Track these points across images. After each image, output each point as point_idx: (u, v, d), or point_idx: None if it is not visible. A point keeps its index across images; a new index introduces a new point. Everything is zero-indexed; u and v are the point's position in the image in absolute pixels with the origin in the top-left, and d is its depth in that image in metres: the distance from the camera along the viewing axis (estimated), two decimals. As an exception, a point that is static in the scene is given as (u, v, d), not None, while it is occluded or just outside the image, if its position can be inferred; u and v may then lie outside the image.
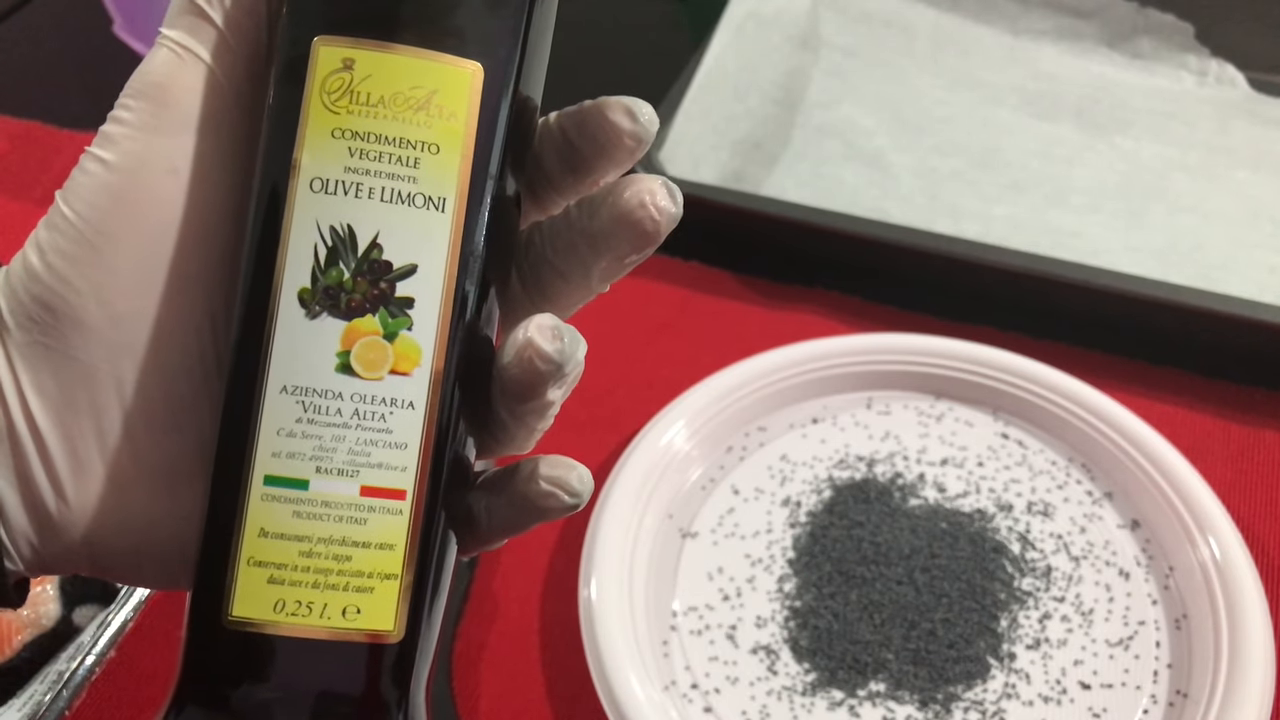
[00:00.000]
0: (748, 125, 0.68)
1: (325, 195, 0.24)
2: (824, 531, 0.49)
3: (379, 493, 0.24)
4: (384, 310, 0.24)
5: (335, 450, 0.24)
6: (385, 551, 0.24)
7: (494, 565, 0.50)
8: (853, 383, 0.55)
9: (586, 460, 0.56)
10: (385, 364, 0.24)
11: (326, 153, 0.24)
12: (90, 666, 0.45)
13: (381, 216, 0.24)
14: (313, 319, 0.24)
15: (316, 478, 0.24)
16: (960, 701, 0.44)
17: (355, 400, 0.24)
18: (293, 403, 0.24)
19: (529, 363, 0.25)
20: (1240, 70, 0.71)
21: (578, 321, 0.64)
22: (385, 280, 0.24)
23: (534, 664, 0.47)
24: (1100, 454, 0.51)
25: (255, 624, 0.23)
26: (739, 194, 0.62)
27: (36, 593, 0.47)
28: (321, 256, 0.24)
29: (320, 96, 0.24)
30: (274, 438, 0.24)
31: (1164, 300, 0.53)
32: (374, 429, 0.24)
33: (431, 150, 0.24)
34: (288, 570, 0.24)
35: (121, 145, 0.25)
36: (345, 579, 0.24)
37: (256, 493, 0.24)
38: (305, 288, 0.24)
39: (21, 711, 0.43)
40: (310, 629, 0.23)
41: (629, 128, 0.27)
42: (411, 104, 0.24)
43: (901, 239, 0.58)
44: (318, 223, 0.24)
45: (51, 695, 0.44)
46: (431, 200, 0.24)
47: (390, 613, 0.24)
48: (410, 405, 0.24)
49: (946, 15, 0.77)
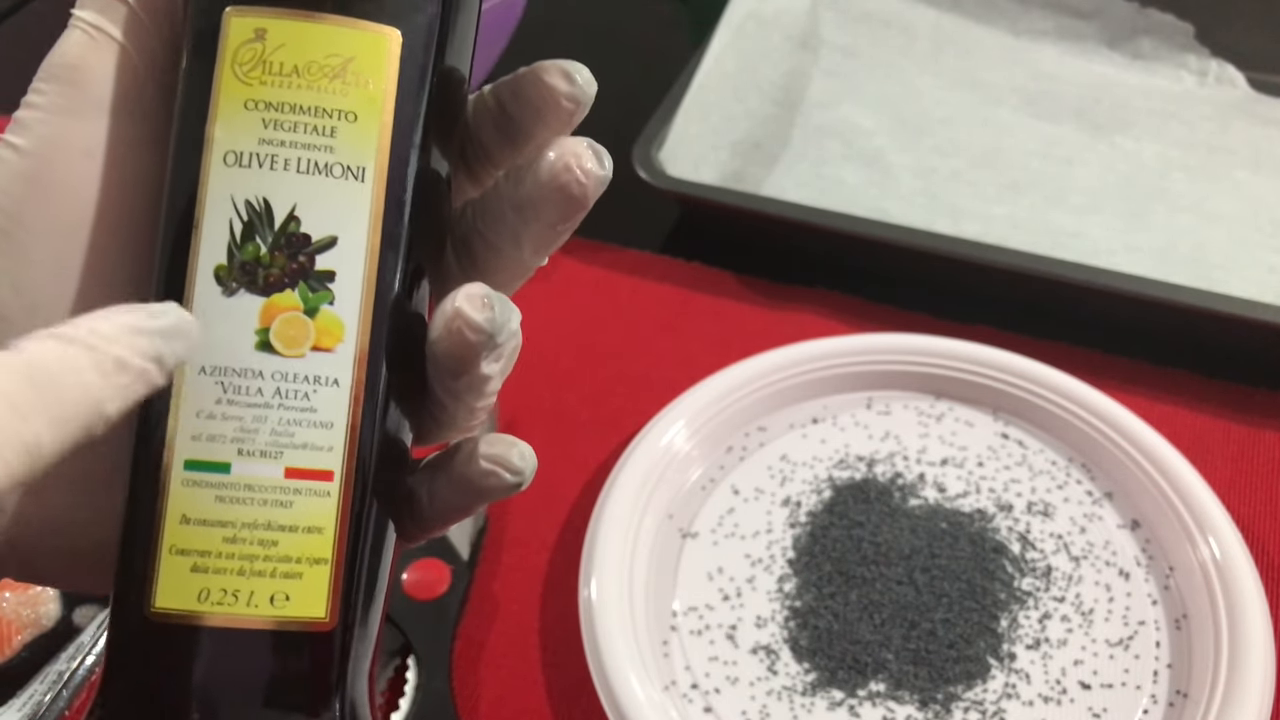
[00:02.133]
0: (748, 125, 0.68)
1: (239, 169, 0.23)
2: (824, 531, 0.49)
3: (305, 474, 0.23)
4: (304, 285, 0.23)
5: (257, 431, 0.23)
6: (313, 535, 0.23)
7: (494, 565, 0.50)
8: (853, 383, 0.55)
9: (587, 460, 0.56)
10: (306, 340, 0.23)
11: (240, 125, 0.23)
12: (90, 666, 0.45)
13: (298, 188, 0.23)
14: (230, 296, 0.23)
15: (238, 460, 0.23)
16: (960, 701, 0.44)
17: (276, 379, 0.23)
18: (212, 384, 0.23)
19: (459, 334, 0.24)
20: (1240, 70, 0.71)
21: (577, 319, 0.64)
22: (304, 254, 0.23)
23: (534, 664, 0.47)
24: (1100, 454, 0.51)
25: (180, 615, 0.22)
26: (739, 194, 0.62)
27: (36, 593, 0.47)
28: (237, 232, 0.23)
29: (232, 68, 0.23)
30: (193, 420, 0.23)
31: (1164, 300, 0.53)
32: (297, 408, 0.23)
33: (349, 119, 0.23)
34: (211, 558, 0.23)
35: (34, 130, 0.24)
36: (272, 565, 0.23)
37: (177, 478, 0.23)
38: (221, 264, 0.23)
39: (21, 711, 0.43)
40: (237, 618, 0.22)
41: (565, 89, 0.26)
42: (327, 72, 0.23)
43: (901, 239, 0.58)
44: (232, 197, 0.23)
45: (51, 695, 0.44)
46: (350, 170, 0.23)
47: (321, 599, 0.23)
48: (335, 383, 0.23)
49: (946, 15, 0.77)
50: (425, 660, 0.46)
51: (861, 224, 0.59)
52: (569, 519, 0.52)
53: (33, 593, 0.47)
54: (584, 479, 0.53)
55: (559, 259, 0.64)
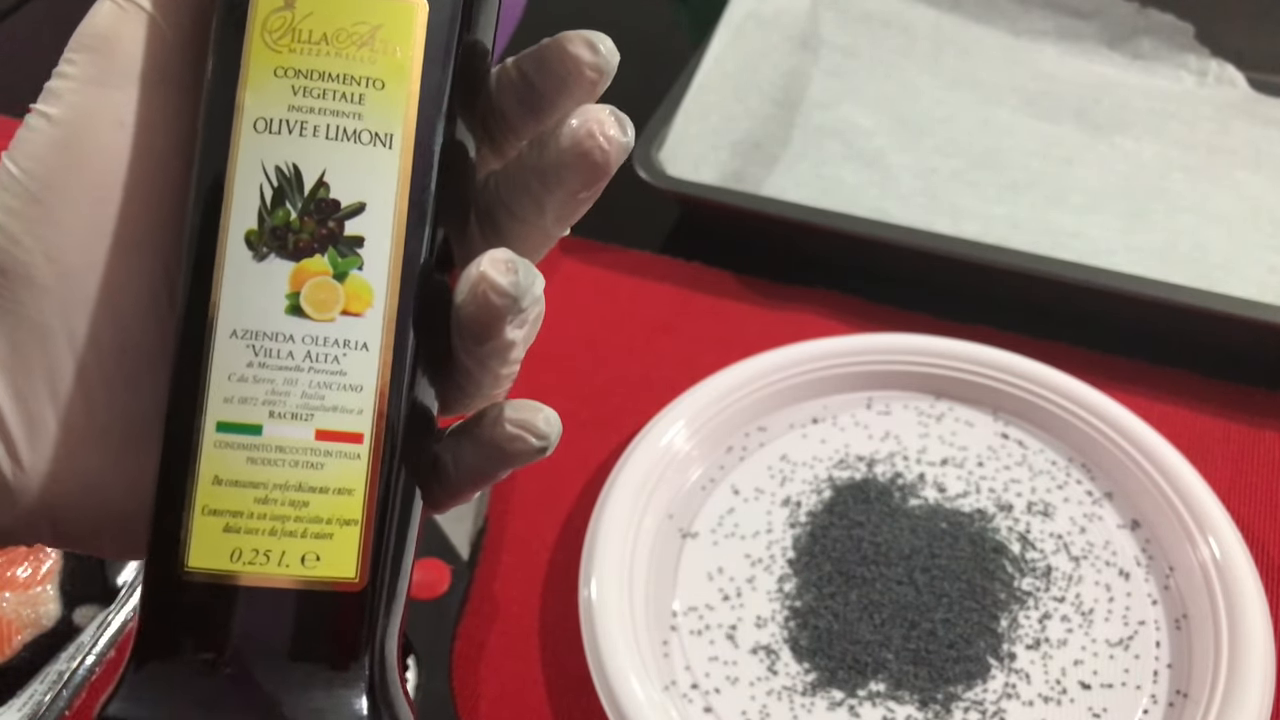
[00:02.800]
0: (748, 125, 0.68)
1: (269, 135, 0.23)
2: (824, 531, 0.49)
3: (335, 436, 0.23)
4: (333, 250, 0.23)
5: (288, 394, 0.23)
6: (343, 497, 0.23)
7: (494, 565, 0.50)
8: (853, 383, 0.55)
9: (587, 460, 0.56)
10: (336, 304, 0.23)
11: (269, 92, 0.23)
12: (90, 666, 0.45)
13: (327, 154, 0.23)
14: (260, 261, 0.23)
15: (270, 422, 0.23)
16: (960, 701, 0.44)
17: (307, 342, 0.23)
18: (243, 347, 0.23)
19: (483, 297, 0.24)
20: (1240, 70, 0.71)
21: (577, 319, 0.64)
22: (333, 219, 0.23)
23: (534, 664, 0.47)
24: (1100, 454, 0.51)
25: (213, 574, 0.23)
26: (739, 194, 0.62)
27: (36, 593, 0.47)
28: (267, 197, 0.23)
29: (262, 36, 0.24)
30: (225, 383, 0.23)
31: (1164, 300, 0.53)
32: (327, 371, 0.23)
33: (376, 86, 0.24)
34: (244, 518, 0.23)
35: (66, 99, 0.24)
36: (303, 525, 0.23)
37: (209, 440, 0.23)
38: (252, 229, 0.23)
39: (21, 711, 0.43)
40: (268, 577, 0.23)
41: (590, 59, 0.26)
42: (355, 40, 0.24)
43: (901, 239, 0.58)
44: (263, 163, 0.23)
45: (51, 695, 0.44)
46: (378, 136, 0.24)
47: (351, 559, 0.23)
48: (364, 346, 0.24)
49: (946, 15, 0.77)
50: (425, 660, 0.46)
51: (861, 224, 0.59)
52: (569, 519, 0.52)
53: (33, 593, 0.47)
54: (584, 479, 0.53)
55: (559, 259, 0.64)
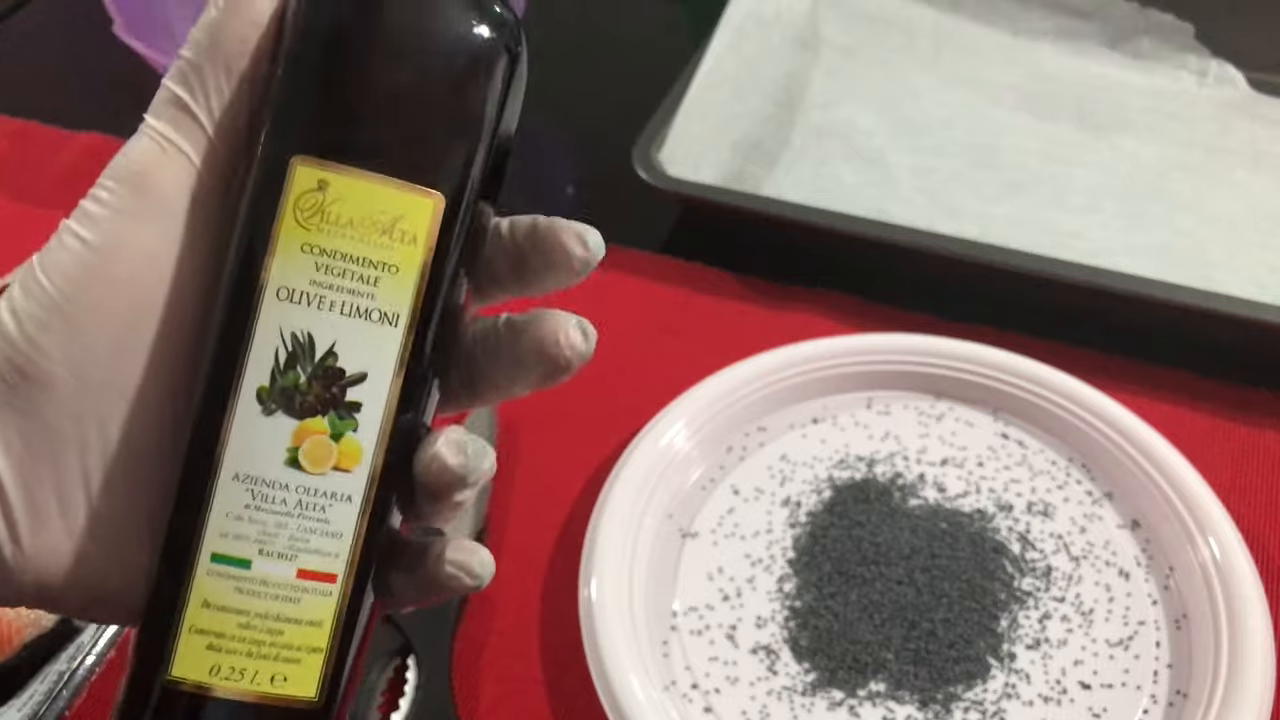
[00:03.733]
0: (748, 125, 0.68)
1: (290, 304, 0.26)
2: (824, 531, 0.49)
3: (313, 576, 0.26)
4: (333, 413, 0.26)
5: (278, 535, 0.26)
6: (314, 628, 0.26)
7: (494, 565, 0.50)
8: (853, 383, 0.55)
9: (587, 460, 0.56)
10: (329, 461, 0.26)
11: (295, 264, 0.26)
12: (90, 666, 0.45)
13: (339, 328, 0.26)
14: (268, 415, 0.26)
15: (259, 559, 0.26)
16: (960, 701, 0.44)
17: (300, 492, 0.26)
18: (243, 489, 0.26)
19: (437, 473, 0.27)
20: (1240, 70, 0.71)
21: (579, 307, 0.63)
22: (337, 386, 0.26)
23: (534, 664, 0.47)
24: (1100, 454, 0.51)
25: (192, 684, 0.25)
26: (739, 194, 0.62)
27: (36, 593, 0.47)
28: (281, 360, 0.26)
29: (294, 212, 0.26)
30: (223, 519, 0.26)
31: (1164, 300, 0.53)
32: (314, 519, 0.26)
33: (391, 271, 0.26)
34: (226, 639, 0.26)
35: (101, 226, 0.26)
36: (276, 650, 0.26)
37: (203, 568, 0.26)
38: (264, 386, 0.26)
39: (21, 711, 0.43)
40: (241, 692, 0.26)
41: (580, 254, 0.29)
42: (377, 227, 0.26)
43: (901, 239, 0.58)
44: (280, 328, 0.26)
45: (51, 695, 0.44)
46: (386, 316, 0.26)
47: (314, 682, 0.26)
48: (348, 499, 0.26)
49: (946, 15, 0.77)
50: (425, 660, 0.46)
51: (861, 224, 0.58)
52: (569, 519, 0.52)
53: (33, 593, 0.47)
54: (584, 479, 0.53)
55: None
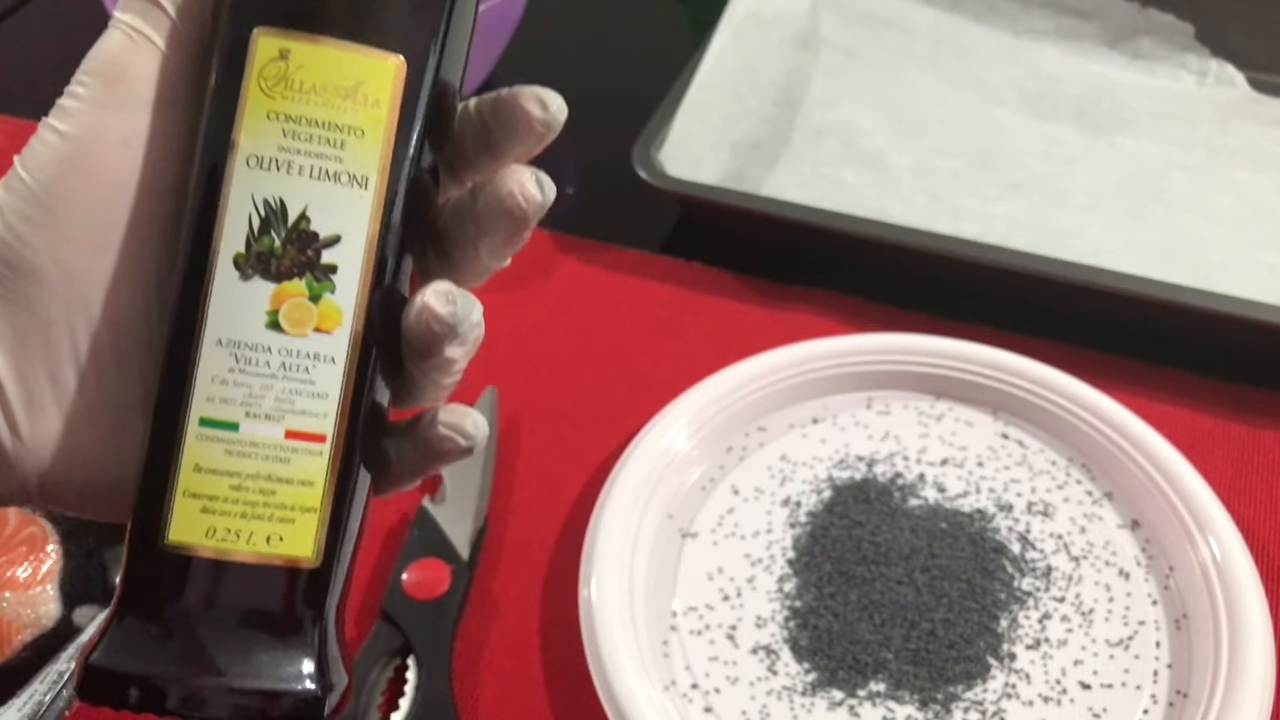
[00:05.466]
0: (748, 125, 0.68)
1: (260, 171, 0.27)
2: (824, 531, 0.49)
3: (302, 436, 0.27)
4: (310, 275, 0.27)
5: (263, 397, 0.27)
6: (306, 488, 0.27)
7: (494, 565, 0.50)
8: (853, 383, 0.55)
9: (587, 460, 0.56)
10: (310, 323, 0.27)
11: (263, 133, 0.27)
12: (90, 666, 0.45)
13: (310, 192, 0.27)
14: (246, 281, 0.27)
15: (246, 421, 0.27)
16: (960, 701, 0.44)
17: (282, 354, 0.27)
18: (226, 354, 0.26)
19: (426, 324, 0.28)
20: (1240, 70, 0.71)
21: (577, 319, 0.64)
22: (312, 249, 0.27)
23: (534, 664, 0.47)
24: (1100, 454, 0.51)
25: (189, 548, 0.26)
26: (739, 194, 0.62)
27: (36, 593, 0.47)
28: (255, 226, 0.27)
29: (258, 82, 0.27)
30: (209, 384, 0.26)
31: (1164, 300, 0.53)
32: (298, 380, 0.27)
33: (357, 134, 0.27)
34: (219, 502, 0.26)
35: (77, 118, 0.27)
36: (270, 510, 0.27)
37: (192, 433, 0.26)
38: (240, 253, 0.27)
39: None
40: (237, 553, 0.26)
41: (539, 115, 0.29)
42: (340, 92, 0.27)
43: (901, 239, 0.58)
44: (253, 195, 0.27)
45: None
46: (356, 179, 0.27)
47: (309, 541, 0.27)
48: (331, 360, 0.27)
49: (946, 15, 0.77)
50: (425, 660, 0.46)
51: (861, 224, 0.58)
52: (569, 519, 0.52)
53: (33, 593, 0.47)
54: (584, 479, 0.53)
55: (559, 259, 0.64)
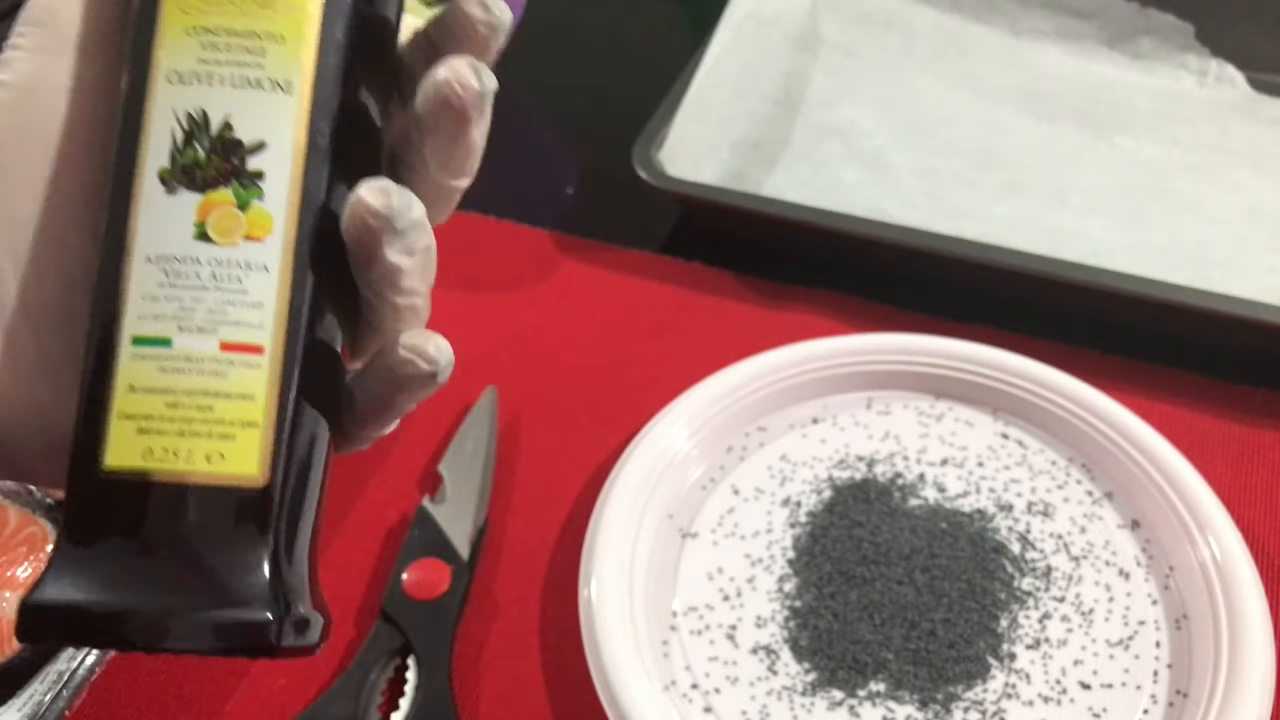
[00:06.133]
0: (748, 125, 0.68)
1: (181, 85, 0.27)
2: (824, 531, 0.49)
3: (237, 348, 0.26)
4: (236, 183, 0.26)
5: (195, 310, 0.26)
6: (246, 402, 0.26)
7: (494, 565, 0.50)
8: (853, 383, 0.55)
9: (586, 460, 0.56)
10: (239, 231, 0.26)
11: (181, 48, 0.27)
12: (90, 666, 0.45)
13: (232, 100, 0.27)
14: (172, 194, 0.26)
15: (179, 335, 0.26)
16: (960, 701, 0.44)
17: (212, 264, 0.26)
18: (156, 270, 0.26)
19: (360, 220, 0.27)
20: (1240, 70, 0.71)
21: (577, 319, 0.64)
22: (237, 156, 0.27)
23: (534, 664, 0.47)
24: (1100, 454, 0.51)
25: (127, 472, 0.26)
26: (739, 194, 0.62)
27: (36, 593, 0.47)
28: (178, 139, 0.27)
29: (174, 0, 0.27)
30: (140, 302, 0.26)
31: (1164, 300, 0.53)
32: (231, 290, 0.26)
33: (278, 40, 0.27)
34: (155, 421, 0.26)
35: (16, 67, 0.27)
36: (209, 427, 0.26)
37: (126, 352, 0.26)
38: (165, 167, 0.26)
39: (21, 711, 0.43)
40: (178, 474, 0.26)
41: (481, 16, 0.29)
42: (257, 0, 0.27)
43: (901, 239, 0.58)
44: (174, 109, 0.27)
45: (51, 695, 0.44)
46: (278, 83, 0.27)
47: (253, 458, 0.26)
48: (264, 268, 0.27)
49: (946, 15, 0.77)
50: (425, 660, 0.46)
51: (861, 224, 0.58)
52: (569, 519, 0.52)
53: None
54: (584, 479, 0.53)
55: (559, 259, 0.64)
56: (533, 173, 0.72)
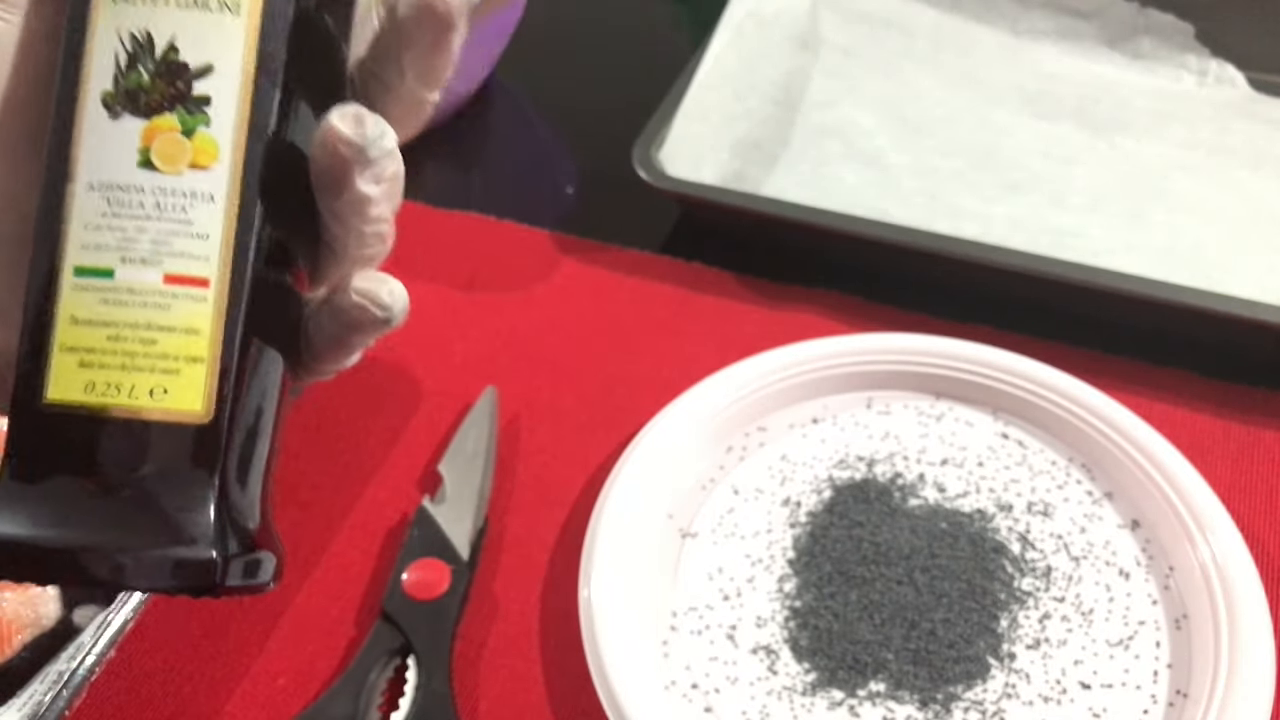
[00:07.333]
0: (748, 125, 0.68)
1: (125, 4, 0.26)
2: (824, 531, 0.49)
3: (182, 280, 0.25)
4: (181, 108, 0.25)
5: (138, 241, 0.25)
6: (190, 336, 0.25)
7: (494, 565, 0.50)
8: (853, 383, 0.55)
9: (586, 460, 0.56)
10: (184, 159, 0.25)
11: None
12: (90, 666, 0.45)
13: (178, 21, 0.26)
14: (115, 119, 0.25)
15: (122, 267, 0.25)
16: (960, 701, 0.44)
17: (156, 193, 0.25)
18: (98, 198, 0.25)
19: (332, 148, 0.26)
20: (1240, 70, 0.71)
21: (577, 319, 0.64)
22: (182, 80, 0.25)
23: (534, 664, 0.47)
24: (1100, 454, 0.51)
25: (68, 405, 0.25)
26: (739, 194, 0.62)
27: (36, 593, 0.47)
28: (122, 62, 0.25)
29: None
30: (82, 232, 0.25)
31: (1164, 300, 0.53)
32: (175, 220, 0.25)
33: None
34: (97, 354, 0.25)
35: None
36: (151, 361, 0.25)
37: (67, 283, 0.25)
38: (108, 91, 0.25)
39: (21, 711, 0.43)
40: (120, 409, 0.25)
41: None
42: None
43: (901, 239, 0.58)
44: (118, 31, 0.26)
45: (51, 695, 0.44)
46: (226, 5, 0.26)
47: (198, 394, 0.25)
48: (210, 198, 0.25)
49: (946, 15, 0.77)
50: (425, 660, 0.46)
51: (861, 224, 0.58)
52: (569, 519, 0.52)
53: (33, 593, 0.47)
54: (584, 479, 0.53)
55: (559, 259, 0.64)
56: (533, 173, 0.72)
